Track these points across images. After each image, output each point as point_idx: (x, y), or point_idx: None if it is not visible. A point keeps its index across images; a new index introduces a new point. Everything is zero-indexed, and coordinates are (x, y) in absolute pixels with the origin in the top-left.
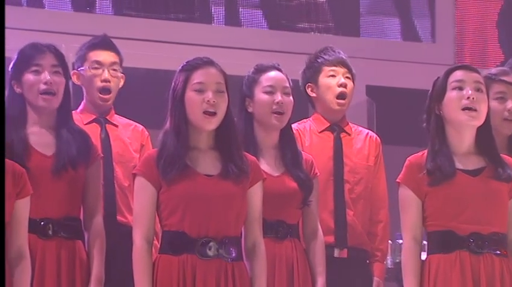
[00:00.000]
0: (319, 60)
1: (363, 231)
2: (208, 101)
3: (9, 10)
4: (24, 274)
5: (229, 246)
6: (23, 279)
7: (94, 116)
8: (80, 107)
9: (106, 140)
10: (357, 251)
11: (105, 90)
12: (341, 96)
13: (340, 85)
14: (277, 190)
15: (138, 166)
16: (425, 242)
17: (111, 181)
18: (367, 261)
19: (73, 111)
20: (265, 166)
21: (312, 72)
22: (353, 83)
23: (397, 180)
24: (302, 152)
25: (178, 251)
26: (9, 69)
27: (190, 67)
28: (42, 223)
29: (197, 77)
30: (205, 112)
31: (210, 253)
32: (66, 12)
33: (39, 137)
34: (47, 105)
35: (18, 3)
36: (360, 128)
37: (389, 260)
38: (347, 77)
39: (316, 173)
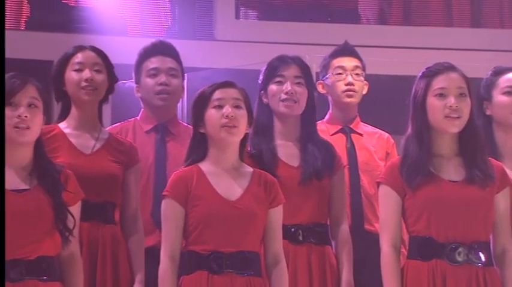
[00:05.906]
0: None
1: None
2: (450, 106)
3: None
4: (281, 276)
5: (478, 251)
6: (281, 281)
7: (339, 127)
8: (326, 117)
9: (351, 150)
10: None
11: (349, 92)
12: None
13: None
14: None
15: (382, 174)
16: None
17: (358, 190)
18: None
19: (319, 122)
20: (507, 170)
21: None
22: None
23: None
24: None
25: (427, 257)
26: (259, 80)
27: (431, 73)
28: (292, 229)
29: (438, 82)
30: (447, 117)
31: (459, 258)
32: (307, 24)
33: (286, 149)
34: (288, 111)
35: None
36: None
37: None
38: None
39: None
